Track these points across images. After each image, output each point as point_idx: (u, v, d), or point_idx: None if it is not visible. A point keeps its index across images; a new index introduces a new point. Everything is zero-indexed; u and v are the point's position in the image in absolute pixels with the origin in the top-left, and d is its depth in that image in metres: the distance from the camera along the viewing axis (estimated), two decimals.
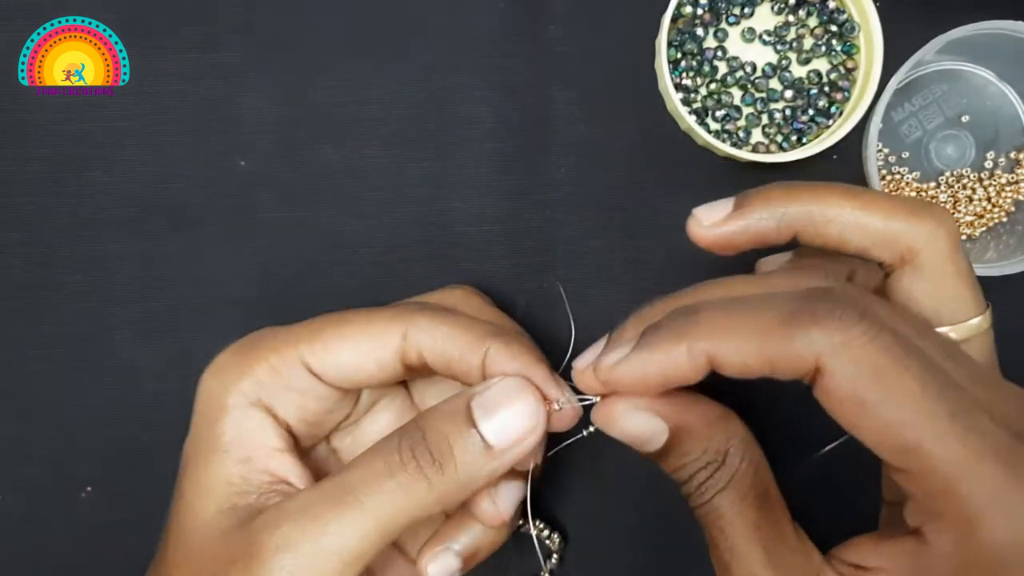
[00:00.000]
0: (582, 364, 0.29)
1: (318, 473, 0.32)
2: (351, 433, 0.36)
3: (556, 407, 0.30)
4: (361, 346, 0.31)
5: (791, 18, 0.40)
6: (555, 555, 0.40)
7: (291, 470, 0.31)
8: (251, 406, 0.31)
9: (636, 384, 0.27)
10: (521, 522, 0.38)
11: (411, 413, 0.36)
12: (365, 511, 0.28)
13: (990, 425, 0.24)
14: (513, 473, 0.32)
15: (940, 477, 0.24)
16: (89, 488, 0.40)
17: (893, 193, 0.30)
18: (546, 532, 0.40)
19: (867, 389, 0.24)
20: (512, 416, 0.29)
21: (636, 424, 0.29)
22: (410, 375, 0.33)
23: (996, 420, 0.25)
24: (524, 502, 0.33)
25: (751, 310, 0.26)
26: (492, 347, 0.31)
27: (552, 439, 0.33)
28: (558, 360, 0.33)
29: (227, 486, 0.30)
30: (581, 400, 0.30)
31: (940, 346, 0.26)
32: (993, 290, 0.41)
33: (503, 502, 0.32)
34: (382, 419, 0.36)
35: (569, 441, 0.32)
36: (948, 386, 0.25)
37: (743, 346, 0.25)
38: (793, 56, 0.41)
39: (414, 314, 0.32)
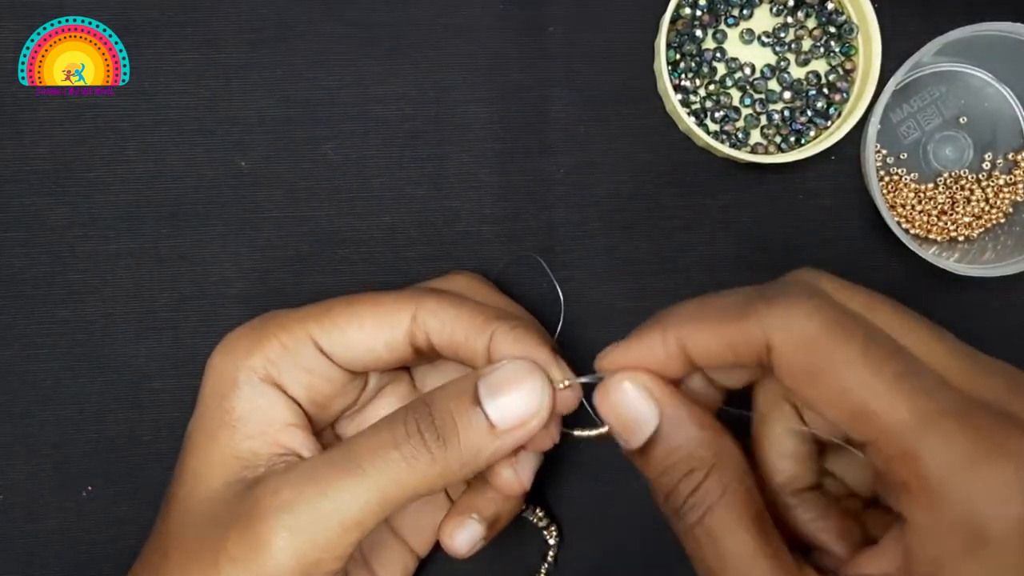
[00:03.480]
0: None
1: None
2: (355, 420, 0.36)
3: (560, 387, 0.30)
4: (371, 326, 0.32)
5: (790, 19, 0.41)
6: (551, 549, 0.40)
7: (301, 443, 0.32)
8: (261, 382, 0.32)
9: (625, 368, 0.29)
10: (524, 507, 0.38)
11: None
12: (367, 479, 0.28)
13: (942, 387, 0.25)
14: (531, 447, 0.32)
15: (893, 439, 0.24)
16: (90, 487, 0.40)
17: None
18: (544, 522, 0.40)
19: (812, 358, 0.25)
20: (517, 397, 0.29)
21: (629, 400, 0.28)
22: (417, 358, 0.33)
23: (955, 384, 0.25)
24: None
25: (715, 300, 0.28)
26: (497, 331, 0.31)
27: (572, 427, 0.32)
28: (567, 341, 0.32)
29: (236, 460, 0.31)
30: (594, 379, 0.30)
31: (897, 320, 0.27)
32: (991, 291, 0.41)
33: (523, 471, 0.33)
34: (387, 406, 0.36)
35: (589, 434, 0.31)
36: (895, 353, 0.25)
37: (707, 332, 0.27)
38: (792, 57, 0.41)
39: (423, 296, 0.32)
